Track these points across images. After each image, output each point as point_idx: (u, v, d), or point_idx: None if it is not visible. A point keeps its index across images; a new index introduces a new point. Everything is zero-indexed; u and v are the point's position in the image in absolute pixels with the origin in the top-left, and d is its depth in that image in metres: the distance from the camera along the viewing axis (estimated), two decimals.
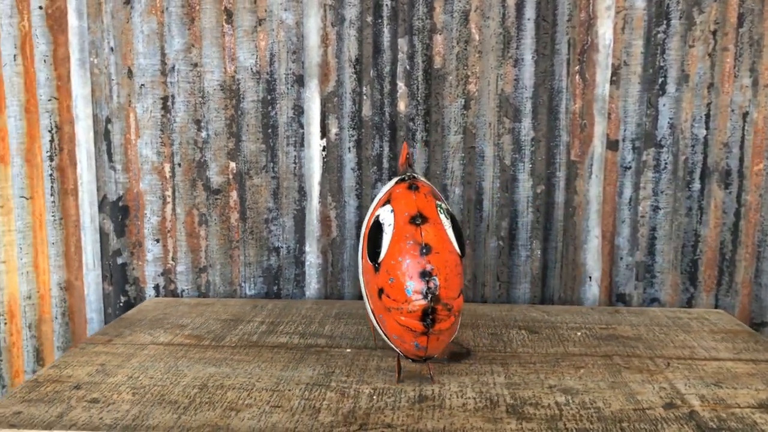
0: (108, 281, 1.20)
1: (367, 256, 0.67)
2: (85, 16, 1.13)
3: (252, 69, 1.12)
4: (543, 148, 1.11)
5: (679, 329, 0.94)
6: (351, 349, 0.86)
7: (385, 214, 0.66)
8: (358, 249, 0.93)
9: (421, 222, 0.64)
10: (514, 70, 1.09)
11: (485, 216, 1.13)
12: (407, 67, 1.10)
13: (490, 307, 1.06)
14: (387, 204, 0.66)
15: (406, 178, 0.68)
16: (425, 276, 0.61)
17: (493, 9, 1.08)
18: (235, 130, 1.14)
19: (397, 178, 0.70)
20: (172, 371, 0.79)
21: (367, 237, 0.67)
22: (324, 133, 1.13)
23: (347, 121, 1.12)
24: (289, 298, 1.17)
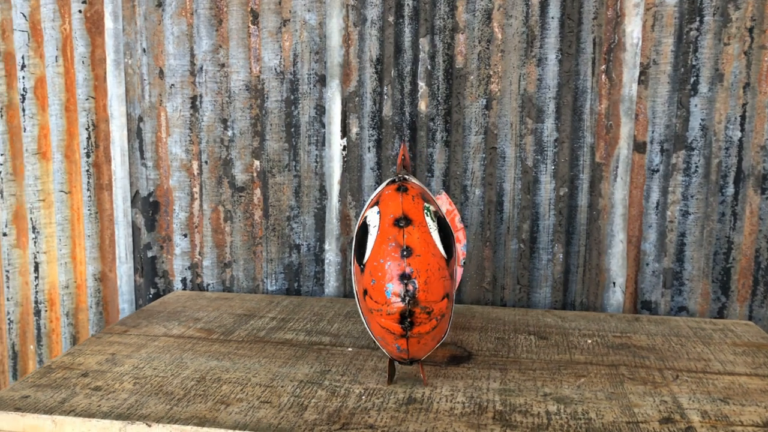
0: (139, 273, 1.24)
1: (355, 258, 0.67)
2: (120, 18, 1.18)
3: (276, 69, 1.14)
4: (566, 150, 1.08)
5: (699, 340, 0.89)
6: (353, 349, 0.86)
7: (372, 216, 0.66)
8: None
9: (405, 224, 0.63)
10: (537, 70, 1.07)
11: (506, 218, 1.11)
12: (428, 66, 1.10)
13: (504, 311, 1.04)
14: (375, 206, 0.66)
15: (397, 180, 0.68)
16: (404, 278, 0.61)
17: (517, 7, 1.06)
18: (259, 129, 1.16)
19: (389, 180, 0.70)
20: (176, 363, 0.81)
21: (355, 238, 0.68)
22: (345, 133, 1.13)
23: (367, 121, 1.12)
24: (308, 295, 1.18)
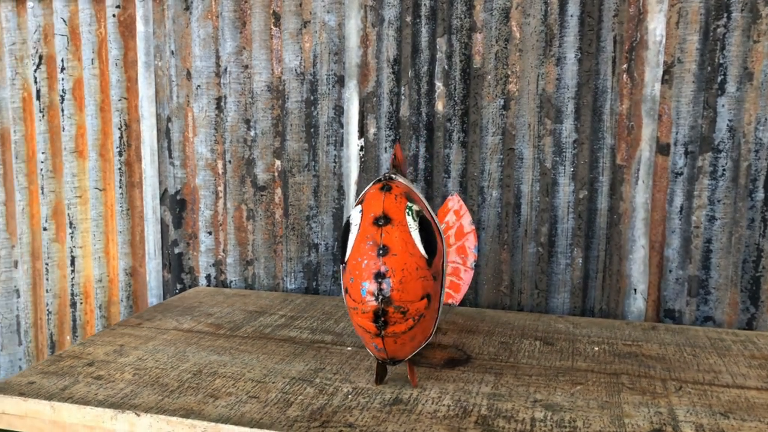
0: (167, 269, 1.28)
1: (340, 256, 0.67)
2: (150, 22, 1.22)
3: (296, 70, 1.15)
4: (586, 151, 1.05)
5: (714, 351, 0.85)
6: (352, 348, 0.86)
7: (355, 215, 0.66)
8: None
9: (384, 223, 0.63)
10: (556, 69, 1.04)
11: (523, 221, 1.09)
12: (445, 66, 1.09)
13: (516, 315, 1.02)
14: (359, 204, 0.66)
15: (383, 179, 0.68)
16: (379, 277, 0.61)
17: (535, 5, 1.04)
18: (280, 129, 1.18)
19: (376, 179, 0.70)
20: (178, 356, 0.83)
21: (340, 237, 0.68)
22: (362, 133, 1.14)
23: (384, 122, 1.12)
24: (326, 294, 1.19)
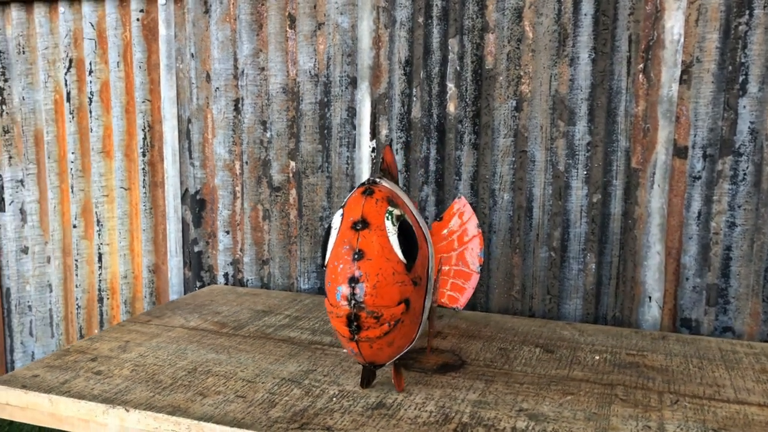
0: (188, 267, 1.31)
1: (321, 260, 0.67)
2: (172, 25, 1.25)
3: (310, 72, 1.16)
4: (600, 154, 1.02)
5: (723, 364, 0.82)
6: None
7: (336, 219, 0.66)
8: None
9: (362, 228, 0.63)
10: (569, 70, 1.02)
11: (535, 224, 1.07)
12: (457, 67, 1.08)
13: (521, 321, 1.00)
14: (341, 208, 0.66)
15: (366, 183, 0.67)
16: (352, 282, 0.61)
17: (548, 4, 1.02)
18: (295, 130, 1.19)
19: (360, 183, 0.70)
20: (178, 353, 0.85)
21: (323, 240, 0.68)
22: (374, 135, 1.14)
23: (396, 123, 1.12)
24: None
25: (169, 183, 1.30)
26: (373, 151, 1.14)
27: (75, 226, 1.38)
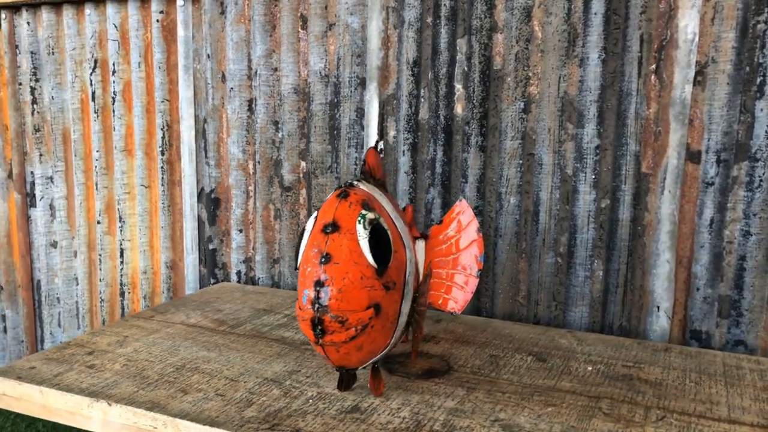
0: (203, 264, 1.33)
1: (294, 263, 0.67)
2: (190, 26, 1.27)
3: (321, 72, 1.16)
4: (609, 158, 0.99)
5: (723, 379, 0.78)
6: None
7: (310, 221, 0.66)
8: None
9: (331, 231, 0.62)
10: (578, 71, 0.99)
11: (541, 229, 1.04)
12: (465, 68, 1.06)
13: (520, 328, 0.98)
14: (317, 211, 0.66)
15: (343, 185, 0.67)
16: (318, 285, 0.60)
17: (558, 4, 0.99)
18: (306, 131, 1.20)
19: (337, 185, 0.69)
20: (170, 350, 0.87)
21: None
22: (381, 136, 1.13)
23: (403, 124, 1.11)
24: None
25: (185, 181, 1.32)
26: (380, 152, 1.13)
27: (99, 222, 1.42)
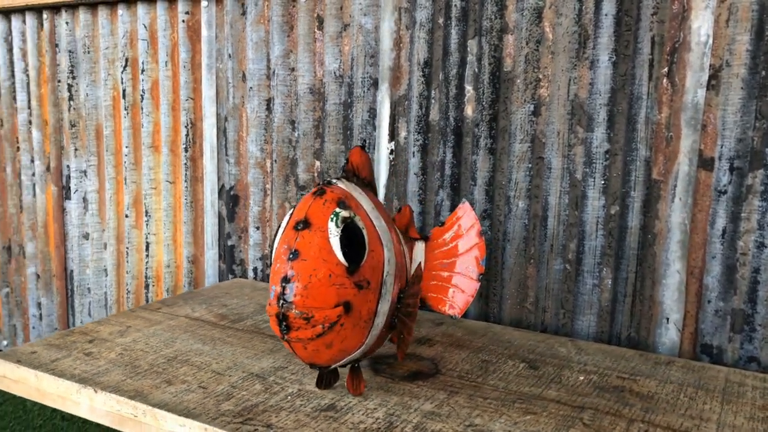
0: (222, 260, 1.36)
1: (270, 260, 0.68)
2: (213, 26, 1.30)
3: (335, 73, 1.17)
4: (619, 163, 0.96)
5: (720, 396, 0.74)
6: None
7: (285, 218, 0.66)
8: None
9: (302, 228, 0.62)
10: (589, 73, 0.97)
11: (549, 234, 1.02)
12: (475, 69, 1.05)
13: (521, 334, 0.96)
14: (292, 208, 0.66)
15: (320, 184, 0.67)
16: (284, 281, 0.60)
17: (568, 4, 0.97)
18: (320, 130, 1.21)
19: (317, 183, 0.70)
20: (167, 342, 0.89)
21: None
22: (393, 137, 1.13)
23: (414, 126, 1.10)
24: None
25: (207, 178, 1.35)
26: (391, 153, 1.13)
27: (127, 216, 1.46)
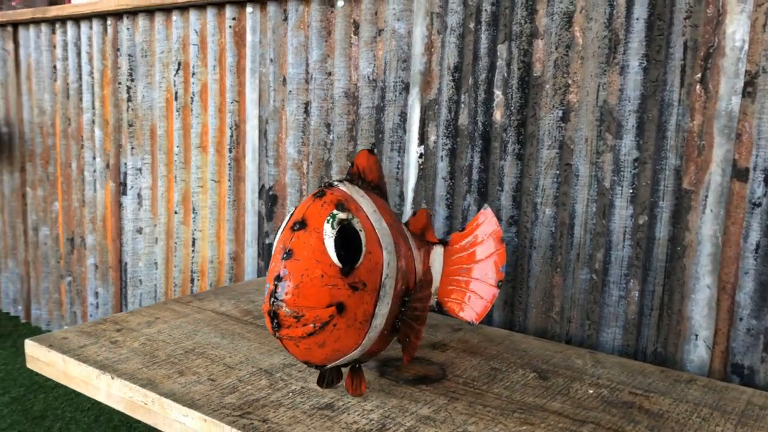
0: (261, 257, 1.40)
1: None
2: (257, 32, 1.34)
3: (369, 77, 1.18)
4: (648, 172, 0.93)
5: (737, 419, 0.71)
6: None
7: (285, 219, 0.68)
8: None
9: (298, 228, 0.64)
10: (619, 79, 0.94)
11: (576, 243, 0.99)
12: (505, 74, 1.04)
13: (540, 343, 0.94)
14: (294, 209, 0.68)
15: (321, 186, 0.68)
16: (277, 280, 0.62)
17: (599, 9, 0.94)
18: (354, 134, 1.22)
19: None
20: (188, 334, 0.92)
21: None
22: (422, 141, 1.13)
23: (442, 130, 1.10)
24: None
25: (248, 178, 1.39)
26: (420, 156, 1.14)
27: (176, 212, 1.53)
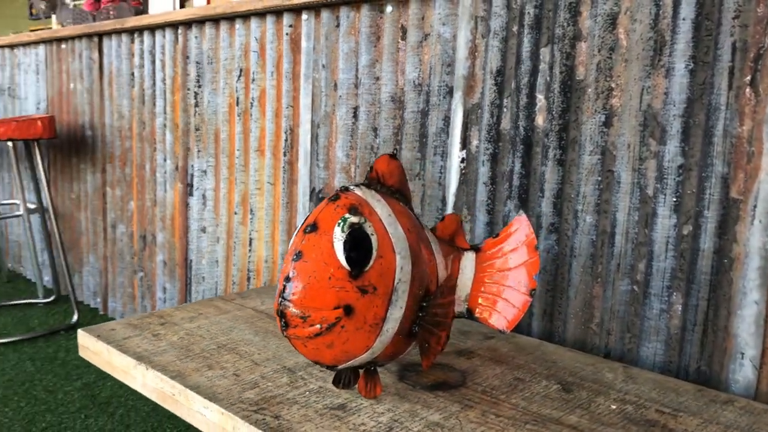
0: None
1: None
2: (312, 38, 1.37)
3: (414, 81, 1.19)
4: (693, 179, 0.88)
5: None
6: None
7: (300, 222, 0.69)
8: None
9: (310, 231, 0.65)
10: (664, 82, 0.90)
11: (617, 252, 0.96)
12: (547, 78, 1.01)
13: (573, 355, 0.91)
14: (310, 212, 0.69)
15: (338, 190, 0.69)
16: (286, 280, 0.63)
17: (643, 9, 0.91)
18: (399, 138, 1.23)
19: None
20: (225, 330, 0.96)
21: None
22: (464, 145, 1.12)
23: (484, 134, 1.09)
24: None
25: (301, 181, 1.43)
26: (462, 161, 1.13)
27: (236, 213, 1.58)
